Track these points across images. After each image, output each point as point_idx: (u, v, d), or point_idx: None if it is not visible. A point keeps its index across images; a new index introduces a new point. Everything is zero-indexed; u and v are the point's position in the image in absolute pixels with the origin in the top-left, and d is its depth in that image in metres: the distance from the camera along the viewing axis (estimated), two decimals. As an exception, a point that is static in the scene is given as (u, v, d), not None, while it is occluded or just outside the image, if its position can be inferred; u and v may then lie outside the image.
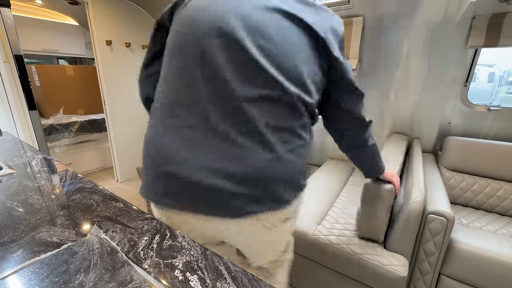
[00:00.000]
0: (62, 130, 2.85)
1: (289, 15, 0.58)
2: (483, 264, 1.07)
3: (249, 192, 0.58)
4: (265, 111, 0.57)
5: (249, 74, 0.56)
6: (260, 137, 0.57)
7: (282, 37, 0.57)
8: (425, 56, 1.73)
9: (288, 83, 0.57)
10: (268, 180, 0.59)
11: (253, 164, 0.57)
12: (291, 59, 0.57)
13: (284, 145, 0.59)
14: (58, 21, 3.34)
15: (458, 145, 1.62)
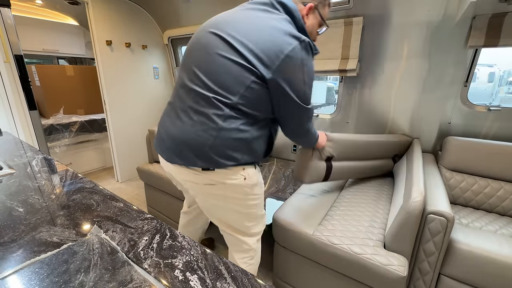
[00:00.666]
0: (62, 130, 2.85)
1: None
2: (483, 264, 1.07)
3: (176, 148, 0.91)
4: (192, 98, 0.87)
5: (193, 77, 0.88)
6: (188, 115, 0.88)
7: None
8: (425, 56, 1.73)
9: (208, 86, 0.85)
10: (184, 142, 0.89)
11: (180, 130, 0.89)
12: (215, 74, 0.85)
13: (200, 124, 0.86)
14: (58, 21, 3.34)
15: (458, 145, 1.62)
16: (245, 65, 0.80)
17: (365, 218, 1.35)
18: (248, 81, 0.82)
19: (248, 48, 0.80)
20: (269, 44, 0.80)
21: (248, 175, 0.96)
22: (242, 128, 0.87)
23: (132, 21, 2.77)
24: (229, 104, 0.83)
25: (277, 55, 0.80)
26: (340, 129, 2.25)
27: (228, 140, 0.86)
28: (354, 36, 1.88)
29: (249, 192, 0.99)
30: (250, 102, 0.85)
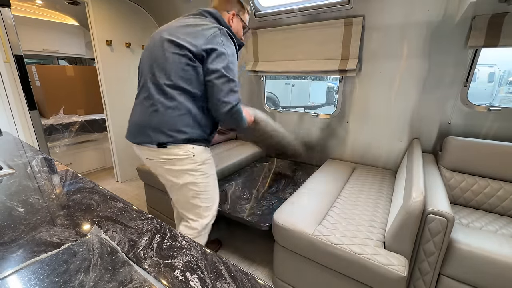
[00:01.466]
0: (62, 130, 2.85)
1: (171, 41, 1.09)
2: (483, 264, 1.07)
3: (137, 130, 1.15)
4: (148, 88, 1.11)
5: (148, 72, 1.13)
6: (145, 100, 1.12)
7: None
8: (425, 56, 1.73)
9: (157, 74, 1.10)
10: (141, 123, 1.13)
11: (140, 115, 1.14)
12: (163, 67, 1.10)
13: (152, 105, 1.09)
14: (58, 21, 3.34)
15: (458, 145, 1.62)
16: (179, 53, 1.06)
17: (365, 218, 1.35)
18: (183, 63, 1.06)
19: (185, 41, 1.07)
20: (198, 34, 1.08)
21: (197, 152, 1.16)
22: (186, 105, 1.10)
23: (132, 21, 2.77)
24: (171, 85, 1.07)
25: (203, 37, 1.07)
26: (340, 129, 2.25)
27: (177, 116, 1.09)
28: (354, 36, 1.88)
29: (198, 169, 1.18)
30: (188, 81, 1.08)
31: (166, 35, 1.10)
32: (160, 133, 1.09)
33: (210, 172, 1.24)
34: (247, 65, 2.52)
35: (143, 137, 1.13)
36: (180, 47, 1.06)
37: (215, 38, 1.08)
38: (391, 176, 1.93)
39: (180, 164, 1.15)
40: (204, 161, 1.19)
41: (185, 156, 1.14)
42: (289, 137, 2.00)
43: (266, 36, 2.31)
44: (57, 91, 2.93)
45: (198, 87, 1.10)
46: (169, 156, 1.14)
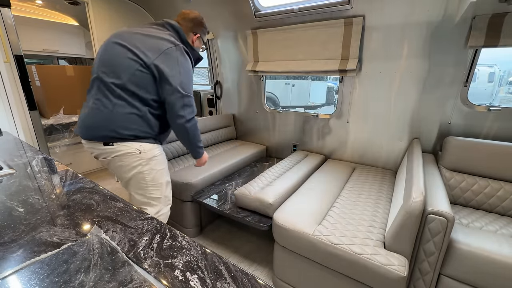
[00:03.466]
0: (62, 130, 2.85)
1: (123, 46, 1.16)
2: (483, 264, 1.07)
3: (86, 127, 1.20)
4: (98, 88, 1.18)
5: (100, 72, 1.17)
6: (94, 100, 1.17)
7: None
8: (425, 56, 1.73)
9: (107, 75, 1.16)
10: (90, 122, 1.18)
11: (88, 114, 1.18)
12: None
13: (101, 104, 1.15)
14: (58, 21, 3.34)
15: (458, 145, 1.62)
16: (132, 58, 1.13)
17: (365, 218, 1.35)
18: (135, 67, 1.13)
19: (139, 49, 1.14)
20: (152, 45, 1.16)
21: (144, 149, 1.23)
22: (134, 104, 1.16)
23: (132, 21, 2.77)
24: (119, 85, 1.13)
25: (157, 51, 1.15)
26: (340, 129, 2.25)
27: (123, 114, 1.15)
28: (354, 36, 1.88)
29: (145, 164, 1.25)
30: (136, 84, 1.14)
31: (120, 40, 1.18)
32: (106, 130, 1.16)
33: (159, 167, 1.31)
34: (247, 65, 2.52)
35: (90, 133, 1.20)
36: (133, 53, 1.13)
37: (169, 54, 1.16)
38: (391, 176, 1.93)
39: (128, 160, 1.22)
40: (151, 158, 1.26)
41: (132, 152, 1.21)
42: None
43: (266, 36, 2.31)
44: (57, 91, 2.93)
45: (147, 90, 1.17)
46: (116, 153, 1.20)
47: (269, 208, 1.50)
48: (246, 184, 1.73)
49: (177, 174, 1.90)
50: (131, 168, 1.24)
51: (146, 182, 1.29)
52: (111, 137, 1.17)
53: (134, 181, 1.28)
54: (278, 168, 2.03)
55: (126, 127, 1.17)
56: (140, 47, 1.14)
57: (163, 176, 1.35)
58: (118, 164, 1.24)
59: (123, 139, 1.18)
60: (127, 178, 1.28)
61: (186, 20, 1.34)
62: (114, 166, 1.26)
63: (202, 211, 1.98)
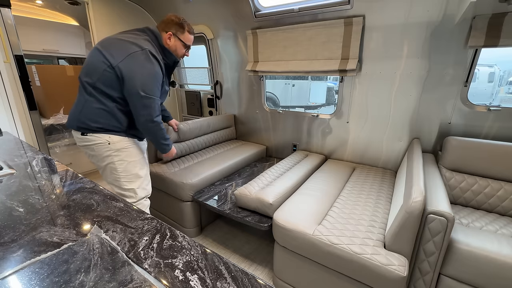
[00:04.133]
0: (62, 130, 2.85)
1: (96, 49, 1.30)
2: (483, 264, 1.07)
3: (70, 119, 1.35)
4: (80, 86, 1.32)
5: (81, 73, 1.32)
6: (78, 97, 1.34)
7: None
8: (425, 56, 1.73)
9: (84, 74, 1.30)
10: (72, 113, 1.34)
11: (73, 107, 1.35)
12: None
13: (78, 99, 1.33)
14: (58, 21, 3.34)
15: (458, 145, 1.62)
16: (102, 60, 1.24)
17: (365, 218, 1.35)
18: (102, 68, 1.24)
19: (109, 52, 1.25)
20: (119, 48, 1.26)
21: (113, 141, 1.34)
22: (102, 100, 1.28)
23: (132, 21, 2.76)
24: (90, 84, 1.27)
25: (123, 54, 1.24)
26: (340, 129, 2.25)
27: (92, 108, 1.28)
28: (354, 36, 1.88)
29: (114, 155, 1.36)
30: (104, 83, 1.26)
31: (99, 45, 1.30)
32: (79, 122, 1.30)
33: (130, 159, 1.40)
34: (247, 65, 2.52)
35: (69, 123, 1.36)
36: (103, 56, 1.24)
37: (134, 57, 1.24)
38: (391, 176, 1.93)
39: (98, 150, 1.35)
40: (120, 149, 1.36)
41: (101, 143, 1.33)
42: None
43: (266, 36, 2.31)
44: (57, 91, 2.93)
45: (113, 88, 1.27)
46: (88, 142, 1.34)
47: (269, 208, 1.50)
48: (246, 184, 1.73)
49: (177, 174, 1.90)
50: (103, 158, 1.36)
51: (118, 173, 1.39)
52: (83, 128, 1.31)
53: (108, 171, 1.40)
54: (278, 168, 2.03)
55: (95, 120, 1.30)
56: (110, 51, 1.25)
57: (135, 167, 1.43)
58: (92, 154, 1.39)
59: (94, 130, 1.31)
60: (101, 167, 1.41)
61: (161, 22, 1.42)
62: (90, 155, 1.41)
63: (202, 211, 1.98)
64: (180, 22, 1.41)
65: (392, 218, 1.22)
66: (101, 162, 1.39)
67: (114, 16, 2.60)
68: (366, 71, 1.98)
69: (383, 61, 1.89)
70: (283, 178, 1.81)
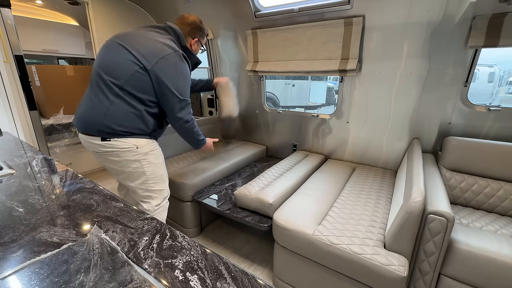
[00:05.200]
0: (62, 130, 2.85)
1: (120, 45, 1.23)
2: (483, 264, 1.07)
3: (84, 121, 1.25)
4: (98, 84, 1.22)
5: (100, 70, 1.22)
6: (94, 96, 1.22)
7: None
8: (425, 56, 1.73)
9: (107, 73, 1.21)
10: (89, 116, 1.22)
11: (88, 108, 1.23)
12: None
13: (99, 100, 1.20)
14: (58, 21, 3.34)
15: (458, 145, 1.62)
16: (132, 60, 1.18)
17: (365, 218, 1.35)
18: (134, 69, 1.18)
19: (139, 52, 1.19)
20: (152, 49, 1.21)
21: (140, 144, 1.28)
22: (131, 103, 1.21)
23: (132, 21, 2.76)
24: (117, 85, 1.18)
25: (156, 56, 1.19)
26: (340, 129, 2.25)
27: (121, 112, 1.20)
28: (354, 36, 1.88)
29: (143, 159, 1.30)
30: (134, 85, 1.19)
31: (121, 41, 1.23)
32: (103, 126, 1.20)
33: (156, 161, 1.37)
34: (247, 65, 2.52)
35: (86, 127, 1.25)
36: (133, 56, 1.18)
37: (168, 60, 1.21)
38: (391, 176, 1.93)
39: (125, 156, 1.27)
40: (148, 152, 1.32)
41: (129, 148, 1.26)
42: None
43: (266, 36, 2.31)
44: (57, 91, 2.93)
45: (145, 91, 1.22)
46: (112, 149, 1.25)
47: (269, 208, 1.50)
48: (246, 184, 1.73)
49: (177, 174, 1.90)
50: (130, 163, 1.29)
51: (146, 176, 1.34)
52: (107, 133, 1.21)
53: (135, 175, 1.33)
54: (278, 168, 2.03)
55: (122, 125, 1.22)
56: (140, 50, 1.19)
57: (161, 169, 1.42)
58: (115, 160, 1.28)
59: (119, 135, 1.23)
60: (126, 172, 1.32)
61: (185, 24, 1.39)
62: (111, 161, 1.30)
63: (202, 211, 1.98)
64: (203, 28, 1.45)
65: (392, 218, 1.22)
66: (126, 167, 1.30)
67: (114, 16, 2.60)
68: (366, 71, 1.98)
69: (383, 61, 1.89)
70: (283, 178, 1.81)
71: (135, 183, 1.35)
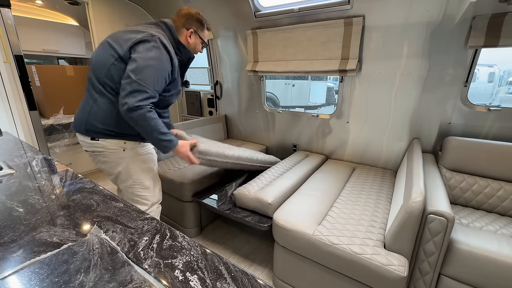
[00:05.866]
0: (62, 130, 2.85)
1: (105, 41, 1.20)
2: (483, 264, 1.07)
3: (77, 121, 1.23)
4: (88, 84, 1.24)
5: (90, 70, 1.22)
6: (86, 95, 1.24)
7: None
8: (425, 56, 1.73)
9: (92, 71, 1.21)
10: (80, 115, 1.22)
11: (80, 107, 1.25)
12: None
13: (86, 98, 1.23)
14: (58, 21, 3.34)
15: (458, 145, 1.62)
16: (110, 52, 1.14)
17: (365, 218, 1.35)
18: (110, 61, 1.13)
19: (117, 42, 1.15)
20: (129, 37, 1.15)
21: (129, 147, 1.25)
22: (113, 100, 1.16)
23: (132, 21, 2.77)
24: (99, 80, 1.16)
25: (131, 41, 1.13)
26: (340, 129, 2.25)
27: (102, 109, 1.16)
28: (354, 36, 1.88)
29: (130, 162, 1.27)
30: (113, 78, 1.14)
31: (108, 38, 1.20)
32: (88, 124, 1.18)
33: (144, 165, 1.32)
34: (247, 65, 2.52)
35: (79, 127, 1.23)
36: (112, 48, 1.14)
37: (141, 43, 1.13)
38: (391, 176, 1.93)
39: (112, 157, 1.25)
40: (136, 155, 1.28)
41: (115, 149, 1.23)
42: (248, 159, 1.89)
43: (266, 36, 2.31)
44: (57, 91, 2.92)
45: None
46: (101, 149, 1.23)
47: (268, 207, 1.50)
48: (245, 184, 1.73)
49: (177, 174, 1.90)
50: (116, 165, 1.27)
51: (133, 180, 1.30)
52: (93, 132, 1.19)
53: (121, 178, 1.31)
54: (278, 168, 2.03)
55: (105, 123, 1.18)
56: (119, 41, 1.15)
57: (150, 174, 1.35)
58: (103, 160, 1.27)
59: (106, 135, 1.19)
60: (114, 174, 1.31)
61: (179, 16, 1.29)
62: (101, 162, 1.30)
63: (202, 211, 1.98)
64: (200, 19, 1.32)
65: (392, 218, 1.22)
66: (113, 169, 1.28)
67: (114, 16, 2.60)
68: (366, 71, 1.98)
69: (383, 61, 1.89)
70: (283, 178, 1.81)
71: (123, 186, 1.33)
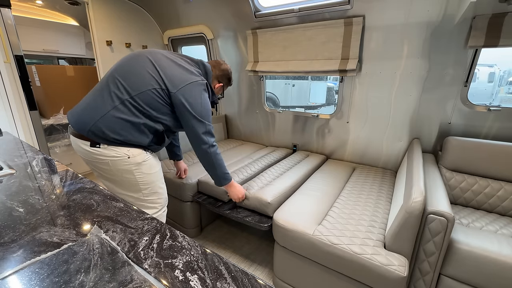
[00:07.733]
0: (63, 130, 2.85)
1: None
2: (483, 264, 1.07)
3: (78, 121, 1.18)
4: (109, 91, 1.18)
5: (114, 79, 1.20)
6: (99, 97, 1.18)
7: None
8: (425, 56, 1.73)
9: (122, 83, 1.19)
10: (84, 116, 1.17)
11: (88, 109, 1.18)
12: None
13: (102, 101, 1.17)
14: (58, 21, 3.34)
15: (458, 145, 1.62)
16: (155, 78, 1.19)
17: (365, 218, 1.35)
18: (152, 86, 1.18)
19: (165, 72, 1.20)
20: (179, 75, 1.23)
21: (132, 154, 1.22)
22: (135, 113, 1.17)
23: (132, 21, 2.77)
24: (129, 93, 1.16)
25: (182, 82, 1.22)
26: (340, 129, 2.25)
27: (118, 119, 1.15)
28: (354, 36, 1.88)
29: (134, 169, 1.24)
30: (146, 100, 1.18)
31: (151, 57, 1.22)
32: (95, 127, 1.13)
33: (150, 171, 1.30)
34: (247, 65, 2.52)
35: (83, 126, 1.16)
36: (159, 75, 1.19)
37: (194, 86, 1.24)
38: (391, 176, 1.93)
39: (115, 165, 1.21)
40: (141, 162, 1.25)
41: (119, 157, 1.20)
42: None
43: (266, 36, 2.31)
44: (57, 91, 2.93)
45: (155, 108, 1.20)
46: (101, 156, 1.19)
47: (267, 207, 1.50)
48: (245, 184, 1.73)
49: (177, 174, 1.90)
50: (121, 172, 1.23)
51: (139, 186, 1.28)
52: (97, 136, 1.14)
53: (126, 184, 1.27)
54: (278, 168, 2.03)
55: (116, 132, 1.15)
56: (167, 72, 1.20)
57: (156, 179, 1.35)
58: (104, 167, 1.23)
59: (110, 141, 1.16)
60: (117, 180, 1.27)
61: (217, 68, 1.47)
62: (99, 168, 1.24)
63: (202, 211, 1.98)
64: (231, 78, 1.54)
65: (392, 218, 1.22)
66: (115, 176, 1.25)
67: (114, 16, 2.60)
68: (366, 71, 1.98)
69: (383, 61, 1.89)
70: (283, 178, 1.81)
71: (128, 192, 1.29)
